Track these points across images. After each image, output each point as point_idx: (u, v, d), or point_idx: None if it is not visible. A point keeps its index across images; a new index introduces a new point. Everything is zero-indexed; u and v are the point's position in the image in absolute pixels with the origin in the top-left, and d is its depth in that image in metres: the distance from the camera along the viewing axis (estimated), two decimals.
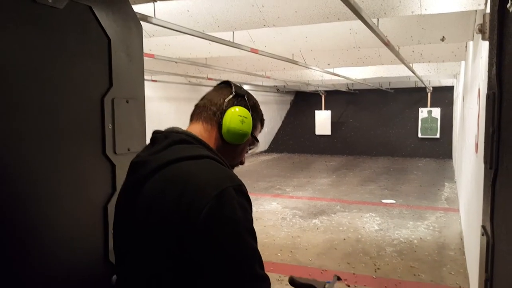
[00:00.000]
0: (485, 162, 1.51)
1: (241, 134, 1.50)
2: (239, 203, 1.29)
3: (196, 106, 1.57)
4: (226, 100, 1.51)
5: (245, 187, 1.36)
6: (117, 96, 1.85)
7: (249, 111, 1.53)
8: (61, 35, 1.60)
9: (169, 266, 1.28)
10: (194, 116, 1.55)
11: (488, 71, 1.52)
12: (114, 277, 1.75)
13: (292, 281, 1.78)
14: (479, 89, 4.09)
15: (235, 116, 1.48)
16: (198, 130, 1.50)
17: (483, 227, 1.55)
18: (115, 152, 1.85)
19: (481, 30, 2.29)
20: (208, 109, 1.52)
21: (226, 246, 1.24)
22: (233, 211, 1.26)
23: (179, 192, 1.27)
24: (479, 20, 4.72)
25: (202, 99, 1.58)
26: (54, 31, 1.58)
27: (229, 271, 1.24)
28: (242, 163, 1.67)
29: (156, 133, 1.49)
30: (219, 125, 1.50)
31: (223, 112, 1.50)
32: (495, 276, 1.38)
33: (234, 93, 1.53)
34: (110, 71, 1.82)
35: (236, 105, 1.52)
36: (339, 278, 1.99)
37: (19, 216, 1.48)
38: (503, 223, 1.24)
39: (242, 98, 1.54)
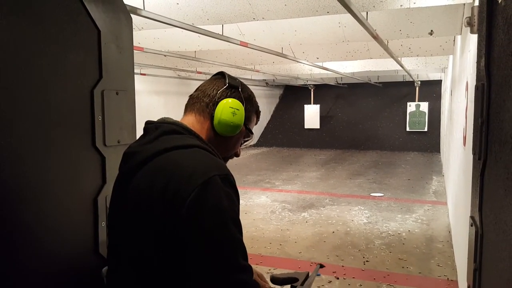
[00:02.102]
0: (473, 153, 1.52)
1: (232, 126, 1.50)
2: (225, 192, 1.29)
3: (190, 97, 1.58)
4: (219, 92, 1.51)
5: (232, 177, 1.36)
6: (107, 88, 1.84)
7: (243, 103, 1.53)
8: (50, 26, 1.59)
9: (158, 255, 1.29)
10: (187, 107, 1.56)
11: (477, 63, 1.53)
12: (104, 269, 1.75)
13: (273, 279, 1.77)
14: (467, 83, 4.12)
15: (227, 108, 1.48)
16: (191, 121, 1.51)
17: (472, 217, 1.57)
18: (105, 144, 1.84)
19: (470, 23, 2.30)
20: (201, 101, 1.52)
21: (210, 234, 1.25)
22: (219, 200, 1.26)
23: (165, 181, 1.28)
24: (467, 13, 4.75)
25: (196, 90, 1.58)
26: (43, 22, 1.56)
27: (211, 259, 1.25)
28: (237, 155, 1.67)
29: (148, 124, 1.50)
30: (211, 116, 1.50)
31: (215, 104, 1.50)
32: (483, 266, 1.39)
33: (227, 84, 1.53)
34: (99, 63, 1.81)
35: (229, 96, 1.51)
36: (321, 266, 1.99)
37: (8, 207, 1.47)
38: (491, 213, 1.26)
39: (236, 89, 1.54)
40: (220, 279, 1.25)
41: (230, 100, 1.50)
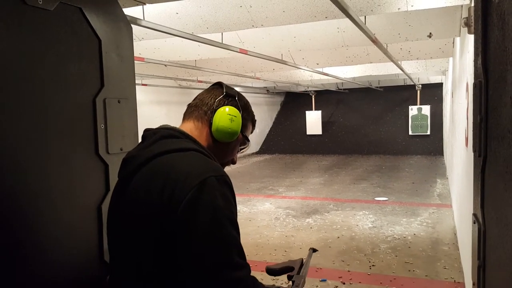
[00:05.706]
0: (474, 151, 1.53)
1: (230, 132, 1.55)
2: (221, 192, 1.32)
3: (189, 105, 1.62)
4: (216, 100, 1.57)
5: (229, 178, 1.39)
6: (108, 96, 1.86)
7: (240, 111, 1.58)
8: (51, 37, 1.61)
9: (157, 257, 1.31)
10: (186, 115, 1.60)
11: (474, 61, 1.54)
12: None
13: (269, 270, 1.79)
14: (467, 84, 4.13)
15: (225, 115, 1.53)
16: (189, 128, 1.55)
17: (474, 215, 1.57)
18: (108, 152, 1.86)
19: (467, 24, 2.32)
20: (200, 109, 1.57)
21: (204, 232, 1.27)
22: (214, 199, 1.29)
23: (162, 183, 1.31)
24: (465, 15, 4.77)
25: (194, 99, 1.63)
26: (44, 33, 1.58)
27: (205, 256, 1.26)
28: (233, 162, 1.71)
29: (146, 131, 1.54)
30: (210, 123, 1.54)
31: (213, 112, 1.55)
32: (487, 262, 1.40)
33: (225, 93, 1.58)
34: (101, 72, 1.83)
35: (227, 104, 1.57)
36: (314, 250, 2.01)
37: (12, 216, 1.48)
38: (493, 209, 1.26)
39: (233, 98, 1.60)
40: (214, 276, 1.27)
41: (227, 107, 1.55)
